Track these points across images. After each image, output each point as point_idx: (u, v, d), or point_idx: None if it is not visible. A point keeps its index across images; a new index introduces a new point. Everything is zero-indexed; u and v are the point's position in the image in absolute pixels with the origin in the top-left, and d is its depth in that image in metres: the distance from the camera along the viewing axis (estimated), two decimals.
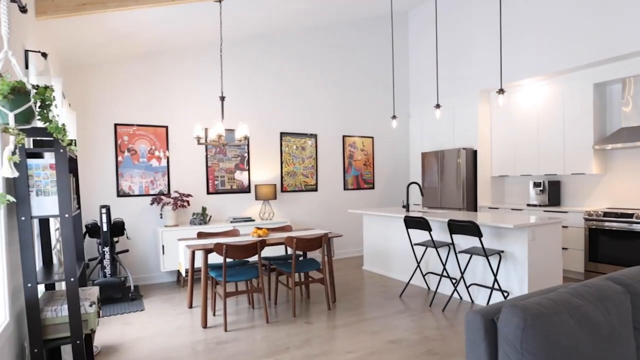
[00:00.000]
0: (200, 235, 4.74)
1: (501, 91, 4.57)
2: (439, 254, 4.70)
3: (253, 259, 5.28)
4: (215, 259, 5.40)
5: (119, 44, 4.96)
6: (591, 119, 5.39)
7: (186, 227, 5.60)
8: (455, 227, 4.18)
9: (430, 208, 7.18)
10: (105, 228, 4.76)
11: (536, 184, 6.06)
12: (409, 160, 8.17)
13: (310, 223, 7.06)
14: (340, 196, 7.40)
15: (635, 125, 5.02)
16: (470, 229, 4.01)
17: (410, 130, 8.08)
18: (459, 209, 6.72)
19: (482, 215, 4.95)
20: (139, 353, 3.42)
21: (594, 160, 5.39)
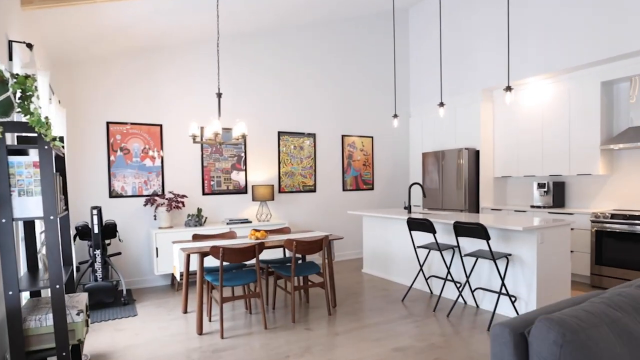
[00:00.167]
0: (195, 237, 4.57)
1: (508, 88, 4.42)
2: (443, 257, 4.54)
3: (250, 262, 5.11)
4: (211, 262, 5.22)
5: (111, 38, 4.77)
6: (598, 118, 5.26)
7: (181, 229, 5.42)
8: (462, 230, 4.03)
9: (431, 209, 7.03)
10: (96, 230, 4.58)
11: (540, 185, 5.93)
12: (409, 161, 8.02)
13: (308, 225, 6.89)
14: (339, 197, 7.24)
15: None
16: (477, 231, 3.85)
17: (411, 130, 7.93)
18: (460, 211, 6.57)
19: (486, 217, 4.80)
20: None
21: (601, 160, 5.26)
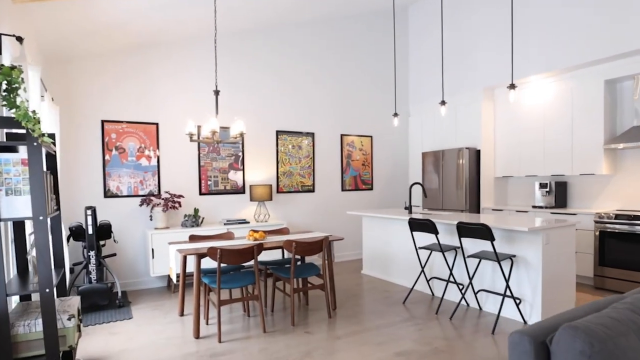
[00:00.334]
0: (192, 238, 4.46)
1: (512, 86, 4.34)
2: (445, 258, 4.45)
3: (248, 263, 5.00)
4: (209, 263, 5.11)
5: (106, 34, 4.65)
6: (601, 117, 5.18)
7: (177, 230, 5.30)
8: (465, 230, 3.94)
9: (431, 210, 6.94)
10: (90, 231, 4.47)
11: (542, 185, 5.85)
12: (409, 160, 7.93)
13: (307, 225, 6.79)
14: (338, 197, 7.14)
15: None
16: (481, 232, 3.76)
17: (410, 129, 7.85)
18: (461, 211, 6.49)
19: (488, 218, 4.71)
20: None
21: (604, 160, 5.19)
